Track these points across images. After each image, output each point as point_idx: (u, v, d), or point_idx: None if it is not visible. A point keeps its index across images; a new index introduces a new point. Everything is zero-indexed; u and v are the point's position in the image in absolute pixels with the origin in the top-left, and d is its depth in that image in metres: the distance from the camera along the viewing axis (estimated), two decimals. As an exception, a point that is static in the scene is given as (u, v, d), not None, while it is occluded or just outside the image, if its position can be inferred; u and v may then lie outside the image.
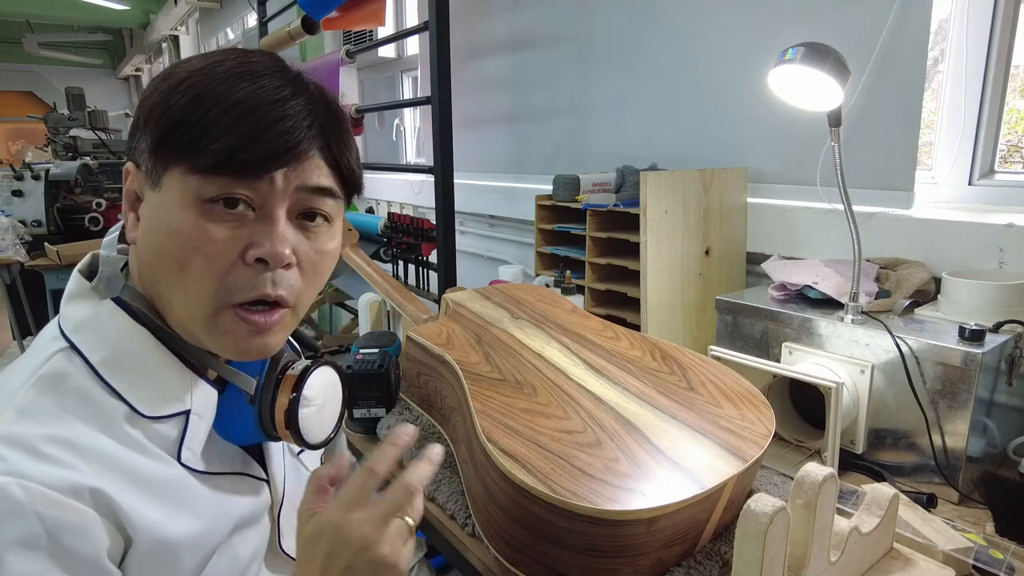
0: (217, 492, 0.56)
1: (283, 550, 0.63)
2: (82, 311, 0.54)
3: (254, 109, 0.49)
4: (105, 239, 0.58)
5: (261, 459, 0.63)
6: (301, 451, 0.71)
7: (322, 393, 0.61)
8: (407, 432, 0.53)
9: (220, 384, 0.58)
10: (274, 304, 0.52)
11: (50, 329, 0.54)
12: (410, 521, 0.50)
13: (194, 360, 0.56)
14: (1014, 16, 1.13)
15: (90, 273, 0.57)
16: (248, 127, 0.48)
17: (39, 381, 0.49)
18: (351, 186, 0.57)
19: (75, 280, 0.56)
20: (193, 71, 0.51)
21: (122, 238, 0.58)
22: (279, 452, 0.65)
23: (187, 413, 0.54)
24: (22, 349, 3.26)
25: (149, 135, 0.50)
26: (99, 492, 0.46)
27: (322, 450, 0.76)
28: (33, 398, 0.48)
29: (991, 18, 1.14)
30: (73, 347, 0.52)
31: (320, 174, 0.53)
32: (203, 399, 0.56)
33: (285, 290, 0.52)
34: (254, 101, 0.49)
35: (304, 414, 0.58)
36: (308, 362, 0.61)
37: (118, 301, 0.54)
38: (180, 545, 0.51)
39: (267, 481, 0.62)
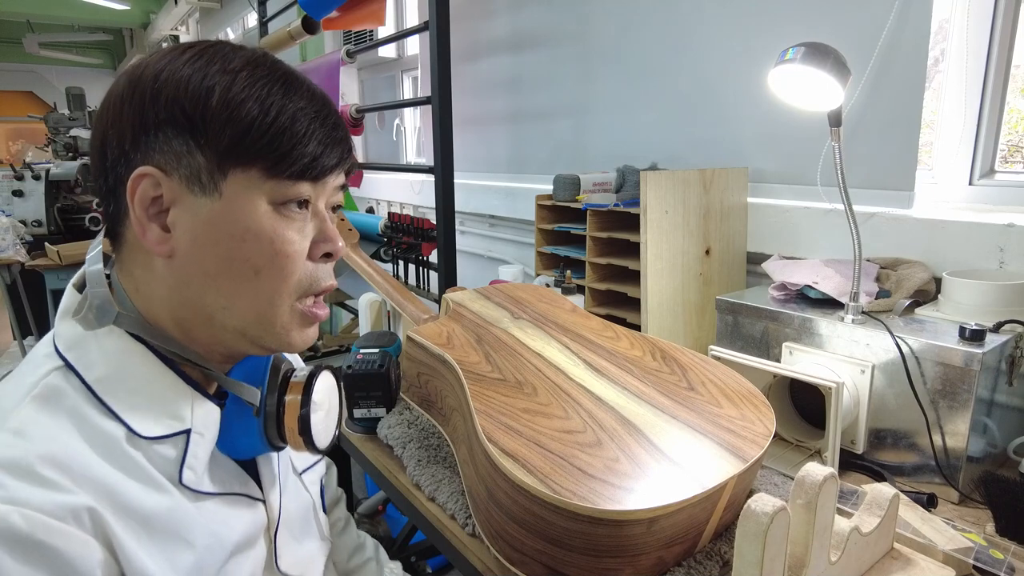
0: (215, 517, 0.54)
1: (280, 570, 0.61)
2: (77, 328, 0.52)
3: (318, 116, 0.52)
4: (90, 267, 0.54)
5: (257, 479, 0.61)
6: (304, 471, 0.69)
7: (327, 398, 0.62)
8: None
9: (219, 399, 0.57)
10: (325, 291, 0.57)
11: (44, 346, 0.53)
12: None
13: (194, 376, 0.56)
14: (1014, 16, 1.13)
15: (83, 287, 0.55)
16: (323, 135, 0.52)
17: (34, 401, 0.47)
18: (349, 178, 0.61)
19: (69, 295, 0.54)
20: (235, 71, 0.50)
21: (105, 259, 0.56)
22: (274, 471, 0.62)
23: (188, 432, 0.53)
24: (22, 349, 3.26)
25: (204, 139, 0.49)
26: (96, 515, 0.45)
27: (324, 470, 0.75)
28: (29, 418, 0.47)
29: (991, 18, 1.14)
30: (68, 366, 0.50)
31: (343, 175, 0.58)
32: (204, 416, 0.55)
33: (333, 278, 0.57)
34: (314, 107, 0.52)
35: (313, 420, 0.58)
36: (309, 367, 0.61)
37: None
38: None
39: (263, 501, 0.60)
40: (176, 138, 0.49)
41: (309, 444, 0.58)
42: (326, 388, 0.61)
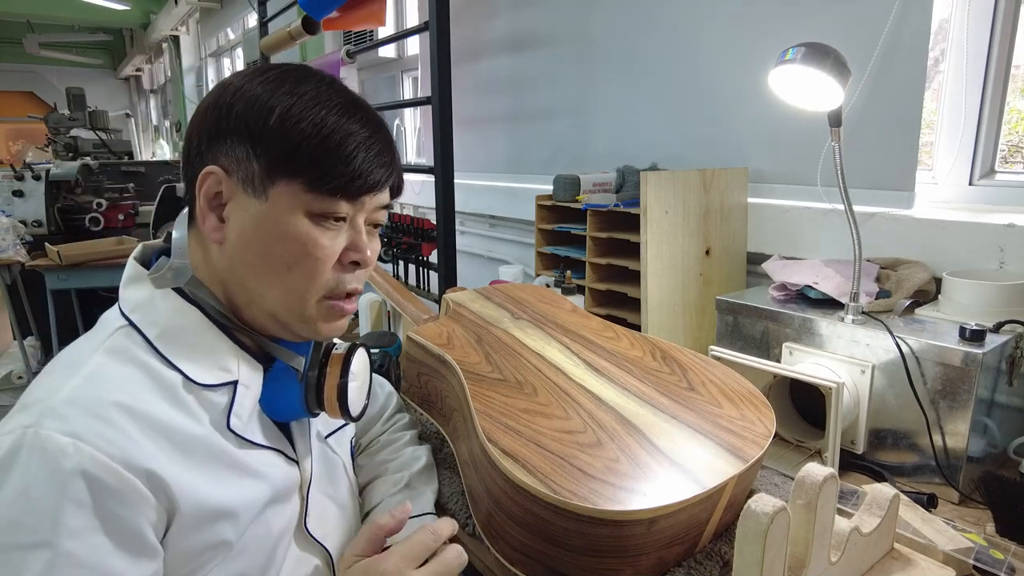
0: (257, 463, 0.60)
1: (308, 530, 0.66)
2: (139, 293, 0.60)
3: (366, 141, 0.59)
4: (176, 232, 0.63)
5: (290, 440, 0.67)
6: (329, 435, 0.74)
7: (362, 371, 0.69)
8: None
9: (265, 363, 0.64)
10: (351, 294, 0.64)
11: (111, 312, 0.61)
12: None
13: (243, 339, 0.63)
14: (1014, 16, 1.13)
15: (143, 261, 0.64)
16: (367, 159, 0.59)
17: (104, 353, 0.55)
18: (395, 198, 0.68)
19: (131, 267, 0.63)
20: (301, 94, 0.58)
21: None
22: (306, 435, 0.68)
23: (235, 383, 0.60)
24: (22, 349, 3.26)
25: (260, 149, 0.57)
26: (150, 458, 0.51)
27: (352, 432, 0.82)
28: (99, 366, 0.54)
29: (992, 18, 1.14)
30: (132, 325, 0.58)
31: (387, 195, 0.64)
32: (250, 372, 0.62)
33: (361, 283, 0.64)
34: (364, 133, 0.59)
35: (350, 389, 0.66)
36: (348, 344, 0.68)
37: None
38: (220, 511, 0.55)
39: (296, 462, 0.66)
40: (239, 146, 0.58)
41: (344, 411, 0.65)
42: (361, 362, 0.69)
